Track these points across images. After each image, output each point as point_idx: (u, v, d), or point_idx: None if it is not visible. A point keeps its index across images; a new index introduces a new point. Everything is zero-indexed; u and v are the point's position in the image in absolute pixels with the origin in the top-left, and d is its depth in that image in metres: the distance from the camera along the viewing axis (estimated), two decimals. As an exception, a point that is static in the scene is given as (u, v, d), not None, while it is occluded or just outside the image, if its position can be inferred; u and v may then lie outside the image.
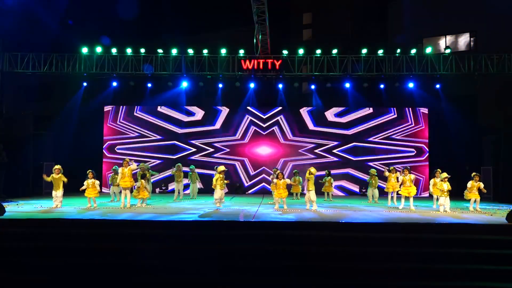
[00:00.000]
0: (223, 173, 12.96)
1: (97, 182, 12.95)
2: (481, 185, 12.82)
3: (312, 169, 12.82)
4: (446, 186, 12.31)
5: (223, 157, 20.49)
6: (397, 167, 15.77)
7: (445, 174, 12.48)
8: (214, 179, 12.88)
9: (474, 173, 13.01)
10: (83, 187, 12.75)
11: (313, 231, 9.39)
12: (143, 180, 13.23)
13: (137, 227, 9.72)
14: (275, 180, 13.20)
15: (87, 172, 12.92)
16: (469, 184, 12.84)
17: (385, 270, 7.91)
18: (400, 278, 7.74)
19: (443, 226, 9.59)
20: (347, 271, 7.88)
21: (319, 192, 15.42)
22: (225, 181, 13.08)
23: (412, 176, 12.85)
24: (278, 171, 13.34)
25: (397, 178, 14.17)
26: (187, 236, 9.13)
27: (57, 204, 12.51)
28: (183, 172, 16.79)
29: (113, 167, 15.83)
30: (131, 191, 13.11)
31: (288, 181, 13.02)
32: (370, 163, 19.54)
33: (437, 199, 13.10)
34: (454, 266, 8.01)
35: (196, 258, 8.24)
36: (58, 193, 12.56)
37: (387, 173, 14.74)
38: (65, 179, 12.70)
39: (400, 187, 13.52)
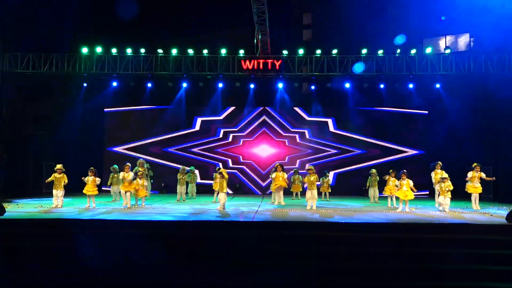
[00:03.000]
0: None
1: (98, 179, 12.96)
2: (483, 174, 12.74)
3: (312, 169, 12.87)
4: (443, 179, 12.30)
5: (220, 158, 20.54)
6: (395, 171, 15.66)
7: (444, 175, 12.49)
8: (224, 183, 12.49)
9: (475, 164, 12.91)
10: (84, 179, 12.84)
11: (313, 231, 9.39)
12: (139, 180, 13.19)
13: (137, 227, 9.72)
14: (273, 174, 13.24)
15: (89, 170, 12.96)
16: (470, 174, 12.76)
17: (385, 270, 7.91)
18: (400, 278, 7.74)
19: (443, 226, 9.59)
20: (347, 271, 7.88)
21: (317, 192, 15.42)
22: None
23: (411, 183, 12.81)
24: (277, 164, 13.35)
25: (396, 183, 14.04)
26: (186, 236, 9.13)
27: (57, 204, 12.53)
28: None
29: (112, 166, 15.82)
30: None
31: (285, 175, 13.05)
32: (370, 164, 19.59)
33: (438, 196, 13.07)
34: (454, 266, 8.01)
35: (196, 258, 8.24)
36: (59, 192, 12.60)
37: (387, 177, 14.61)
38: (66, 180, 12.75)
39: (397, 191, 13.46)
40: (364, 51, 17.89)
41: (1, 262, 8.01)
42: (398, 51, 17.98)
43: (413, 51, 17.90)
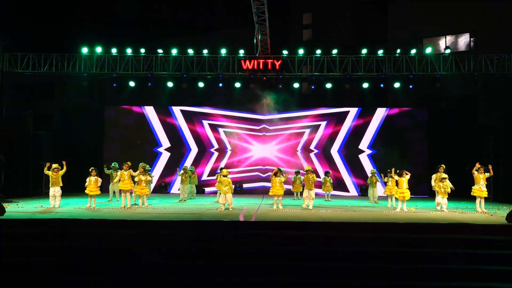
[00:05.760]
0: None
1: (100, 179, 12.94)
2: (487, 174, 12.56)
3: (309, 168, 12.87)
4: (446, 185, 12.30)
5: (221, 158, 20.55)
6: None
7: (443, 175, 12.50)
8: (228, 182, 12.40)
9: (479, 166, 12.66)
10: (86, 184, 12.73)
11: (313, 231, 9.39)
12: (142, 176, 13.16)
13: (137, 227, 9.72)
14: (272, 178, 13.20)
15: (90, 169, 12.90)
16: (475, 174, 12.56)
17: (385, 270, 7.90)
18: (400, 278, 7.73)
19: (443, 226, 9.59)
20: (346, 271, 7.87)
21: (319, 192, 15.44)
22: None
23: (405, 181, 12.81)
24: (276, 169, 13.30)
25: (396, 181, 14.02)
26: (187, 236, 9.12)
27: (54, 204, 12.45)
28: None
29: (112, 164, 15.78)
30: (131, 193, 13.13)
31: (283, 178, 12.94)
32: (370, 164, 19.60)
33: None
34: (454, 266, 8.00)
35: (196, 259, 8.24)
36: (56, 192, 12.48)
37: (386, 179, 14.53)
38: (65, 169, 12.73)
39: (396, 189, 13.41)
40: (364, 51, 17.85)
41: (1, 262, 8.01)
42: (398, 51, 17.95)
43: (413, 51, 17.86)
